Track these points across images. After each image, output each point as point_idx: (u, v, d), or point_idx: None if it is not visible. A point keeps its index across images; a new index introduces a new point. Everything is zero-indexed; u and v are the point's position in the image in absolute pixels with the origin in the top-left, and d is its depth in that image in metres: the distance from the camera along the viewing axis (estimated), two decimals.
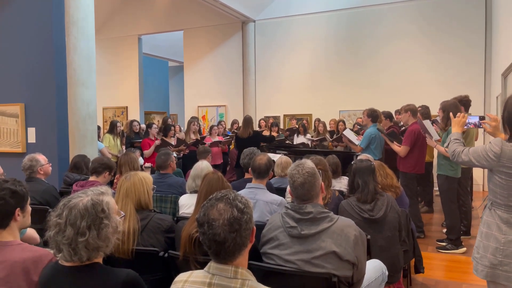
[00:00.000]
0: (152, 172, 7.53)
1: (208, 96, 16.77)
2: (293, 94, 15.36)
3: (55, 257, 3.18)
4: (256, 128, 14.22)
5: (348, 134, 9.13)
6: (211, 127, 12.17)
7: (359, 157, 6.52)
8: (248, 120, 10.16)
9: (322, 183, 3.72)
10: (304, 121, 13.84)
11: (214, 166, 10.57)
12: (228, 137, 12.27)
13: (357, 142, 8.86)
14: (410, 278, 6.05)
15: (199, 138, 11.08)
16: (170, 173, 6.53)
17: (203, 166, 5.63)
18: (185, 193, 5.94)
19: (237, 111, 16.32)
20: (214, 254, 2.82)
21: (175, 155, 9.26)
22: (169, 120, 12.78)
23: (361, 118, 12.28)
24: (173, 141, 10.61)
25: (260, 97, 15.93)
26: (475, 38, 12.49)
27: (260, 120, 13.90)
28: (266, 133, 12.44)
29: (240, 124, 13.44)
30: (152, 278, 4.09)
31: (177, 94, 21.97)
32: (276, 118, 15.70)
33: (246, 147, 6.54)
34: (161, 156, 6.52)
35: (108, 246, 3.14)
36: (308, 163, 3.67)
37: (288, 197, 5.66)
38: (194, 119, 11.77)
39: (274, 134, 12.58)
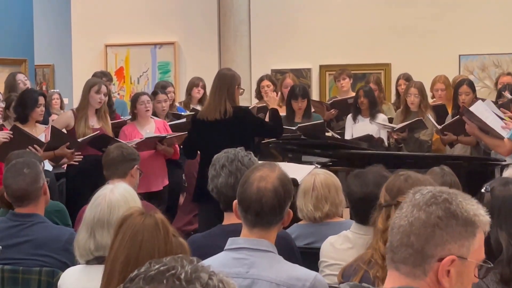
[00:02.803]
0: None
1: (126, 25, 10.78)
2: (343, 18, 10.19)
3: None
4: (250, 99, 9.00)
5: (482, 111, 5.42)
6: (136, 97, 6.85)
7: (506, 173, 4.12)
8: (224, 80, 5.71)
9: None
10: (371, 83, 8.20)
11: (149, 195, 6.16)
12: (182, 120, 7.09)
13: (504, 133, 5.45)
14: None
15: (103, 129, 6.31)
16: (40, 213, 3.88)
17: (115, 197, 3.12)
18: (72, 263, 3.46)
19: (203, 58, 10.55)
20: None
21: (49, 168, 5.97)
22: (22, 79, 7.48)
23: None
24: (43, 134, 6.24)
25: (262, 23, 10.45)
26: None
27: (261, 81, 8.22)
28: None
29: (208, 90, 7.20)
30: None
31: (53, 22, 13.60)
32: (301, 73, 10.33)
33: (218, 147, 3.93)
34: (18, 172, 3.81)
35: None
36: (471, 201, 2.00)
37: (327, 272, 3.55)
38: (97, 78, 6.90)
39: (298, 118, 7.24)
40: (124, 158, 4.53)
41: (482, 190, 3.23)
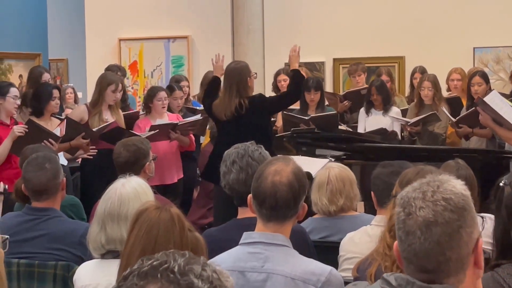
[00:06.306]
0: (7, 205, 4.64)
1: (140, 19, 10.67)
2: (356, 11, 10.08)
3: None
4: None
5: (497, 102, 5.15)
6: (155, 93, 6.69)
7: None
8: (232, 76, 5.61)
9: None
10: (383, 75, 8.13)
11: (164, 188, 6.18)
12: (197, 116, 6.84)
13: None
14: None
15: (116, 122, 6.17)
16: (56, 207, 3.76)
17: (126, 191, 3.01)
18: (87, 257, 3.35)
19: (216, 51, 8.95)
20: None
21: (64, 163, 5.80)
22: (45, 75, 7.22)
23: None
24: (58, 128, 6.16)
25: (276, 17, 10.35)
26: None
27: (278, 75, 8.07)
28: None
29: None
30: None
31: (67, 16, 13.48)
32: (315, 67, 10.16)
33: (233, 139, 3.90)
34: (39, 167, 3.69)
35: None
36: (452, 182, 1.90)
37: (346, 267, 3.50)
38: (116, 76, 6.62)
39: (311, 111, 7.13)
40: (135, 160, 4.26)
41: (501, 184, 2.99)
